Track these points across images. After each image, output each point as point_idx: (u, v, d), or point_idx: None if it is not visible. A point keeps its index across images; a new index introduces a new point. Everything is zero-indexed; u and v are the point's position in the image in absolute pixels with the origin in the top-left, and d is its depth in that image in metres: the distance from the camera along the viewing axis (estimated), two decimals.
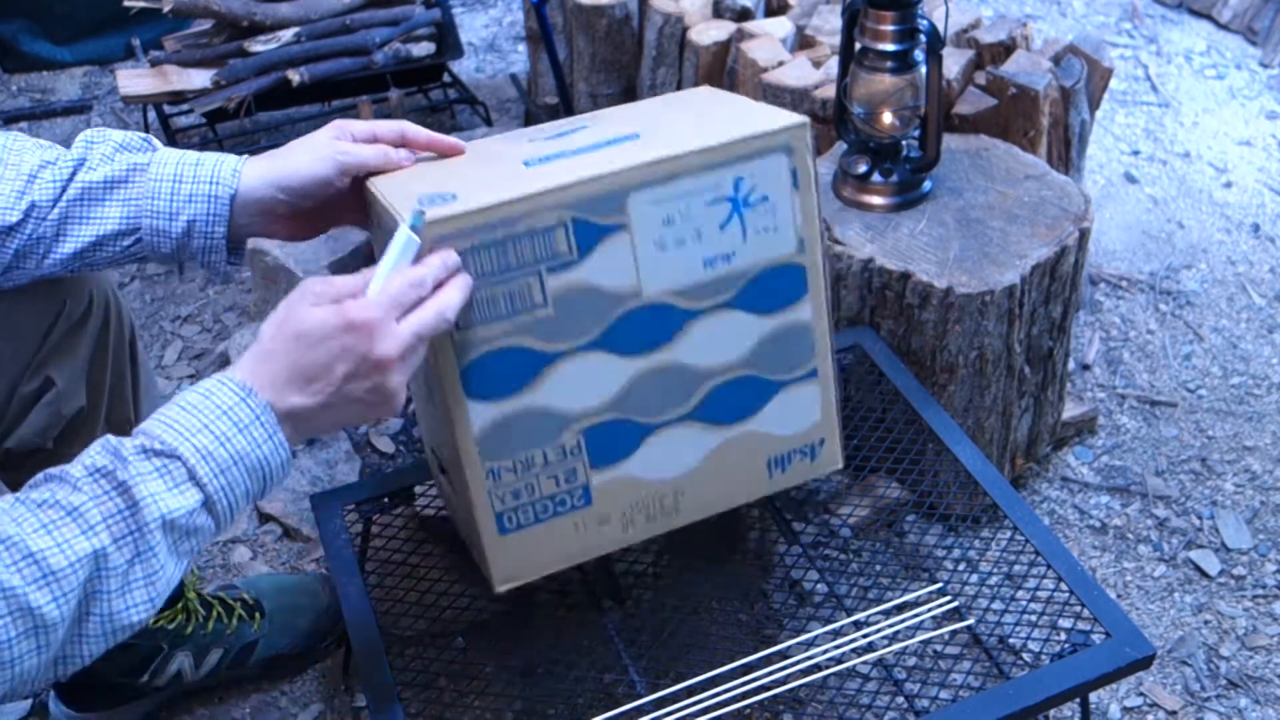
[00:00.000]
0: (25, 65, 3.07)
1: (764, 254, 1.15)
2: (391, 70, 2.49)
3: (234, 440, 0.90)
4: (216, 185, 1.11)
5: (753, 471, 1.23)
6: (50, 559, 0.83)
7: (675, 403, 1.15)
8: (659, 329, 1.12)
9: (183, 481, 0.88)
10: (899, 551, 1.62)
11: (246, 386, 0.92)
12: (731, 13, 2.21)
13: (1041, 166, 1.74)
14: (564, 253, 1.06)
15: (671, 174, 1.08)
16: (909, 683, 1.39)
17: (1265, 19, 3.03)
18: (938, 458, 1.52)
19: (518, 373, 1.09)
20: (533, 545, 1.16)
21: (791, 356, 1.19)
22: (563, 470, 1.14)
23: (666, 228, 1.09)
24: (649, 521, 1.20)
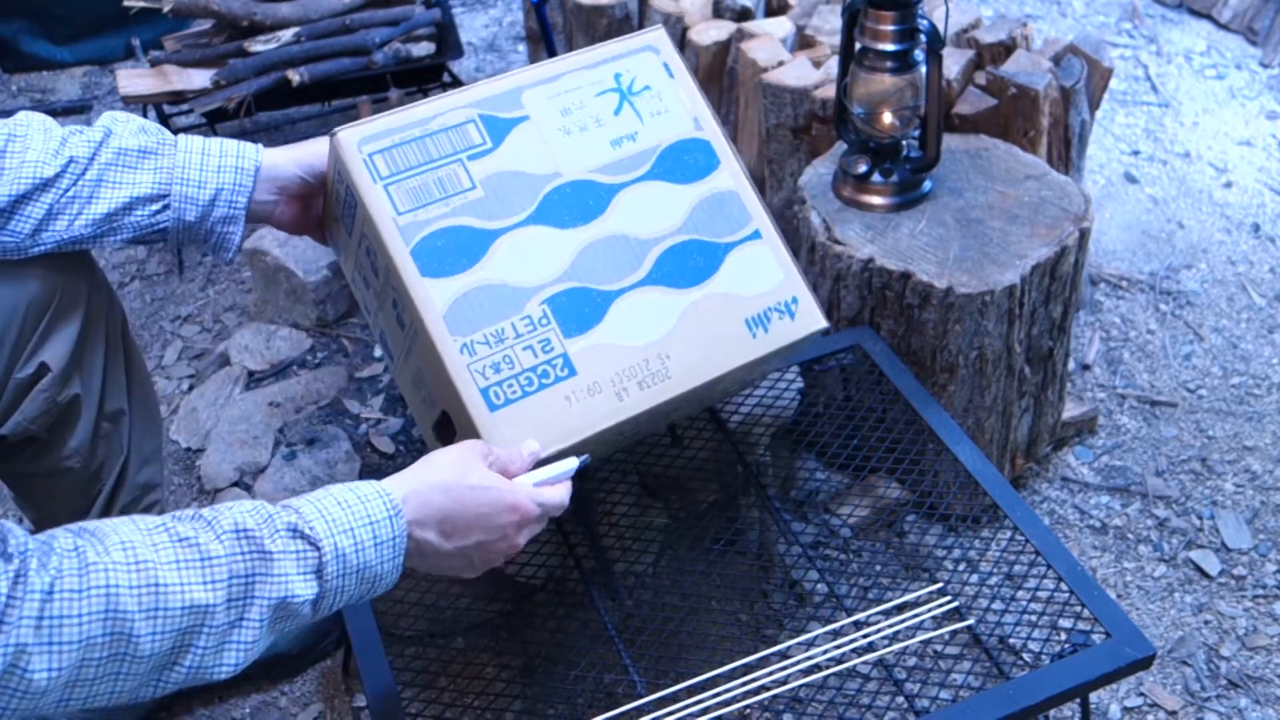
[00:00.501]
0: (25, 65, 3.07)
1: (664, 132, 1.30)
2: (391, 70, 2.49)
3: (367, 551, 0.94)
4: (242, 159, 1.22)
5: (734, 331, 1.27)
6: (170, 596, 0.85)
7: (628, 269, 1.23)
8: (589, 203, 1.24)
9: (311, 572, 0.92)
10: (899, 551, 1.62)
11: (398, 507, 0.97)
12: (731, 13, 2.21)
13: (1041, 166, 1.74)
14: (478, 143, 1.21)
15: (557, 73, 1.27)
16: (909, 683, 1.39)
17: (1265, 19, 3.03)
18: (938, 458, 1.52)
19: (465, 250, 1.19)
20: (527, 421, 1.17)
21: (727, 220, 1.29)
22: (537, 340, 1.18)
23: (565, 116, 1.25)
24: (642, 389, 1.21)
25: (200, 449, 1.92)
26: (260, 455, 1.87)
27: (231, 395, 2.01)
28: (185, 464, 1.92)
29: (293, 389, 1.99)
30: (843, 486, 1.66)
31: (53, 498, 1.37)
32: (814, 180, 1.73)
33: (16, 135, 1.16)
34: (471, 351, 1.15)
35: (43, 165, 1.15)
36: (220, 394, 2.01)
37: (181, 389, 2.10)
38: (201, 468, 1.87)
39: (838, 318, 1.67)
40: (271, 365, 2.07)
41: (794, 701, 1.26)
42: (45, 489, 1.36)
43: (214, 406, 1.99)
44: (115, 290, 1.37)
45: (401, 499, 0.98)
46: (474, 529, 1.01)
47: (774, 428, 1.60)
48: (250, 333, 2.13)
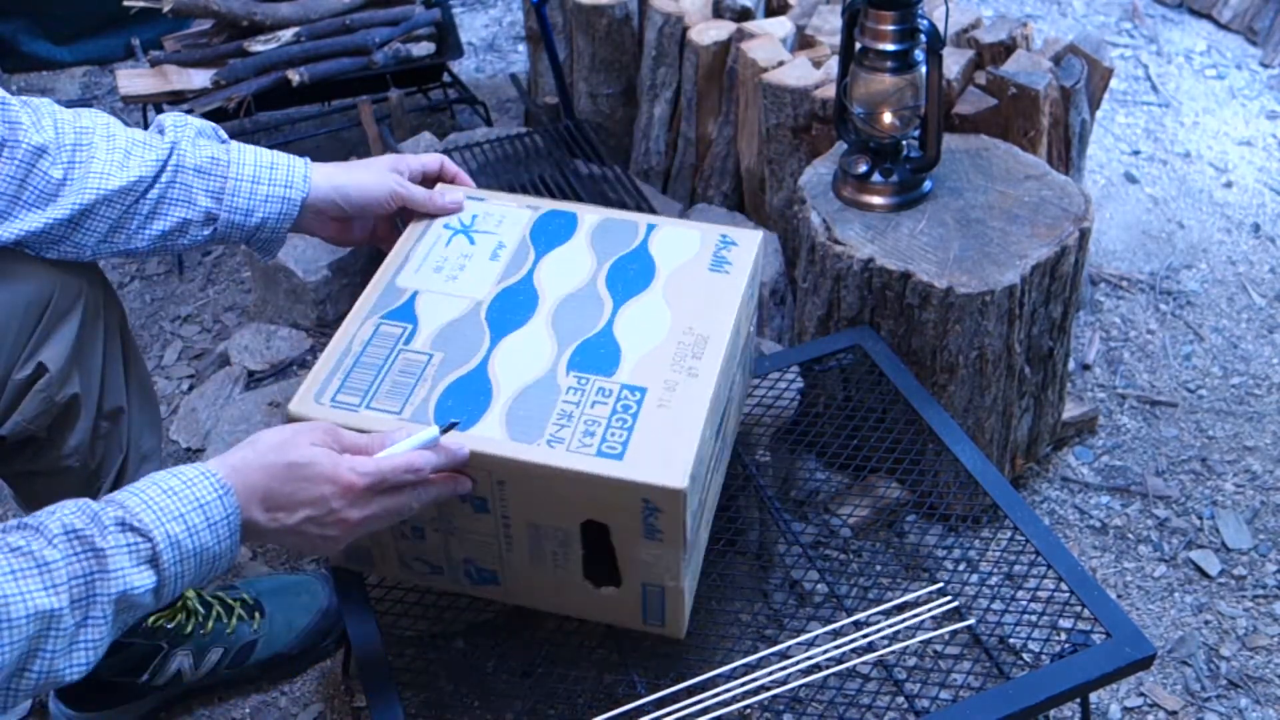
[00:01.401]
0: (25, 65, 3.07)
1: (513, 232, 1.38)
2: (391, 70, 2.49)
3: (201, 535, 0.95)
4: (290, 189, 1.26)
5: (712, 282, 1.33)
6: (11, 606, 0.84)
7: (598, 306, 1.30)
8: (520, 298, 1.30)
9: (145, 562, 0.92)
10: (899, 551, 1.62)
11: (226, 485, 0.98)
12: (731, 12, 2.21)
13: (1042, 166, 1.74)
14: (398, 333, 1.25)
15: (407, 253, 1.34)
16: (909, 683, 1.39)
17: (1265, 19, 3.03)
18: (938, 458, 1.52)
19: (475, 390, 1.21)
20: (658, 450, 1.14)
21: (625, 233, 1.38)
22: (592, 392, 1.20)
23: (439, 272, 1.32)
24: (699, 359, 1.24)
25: (200, 449, 1.92)
26: None
27: (231, 395, 2.01)
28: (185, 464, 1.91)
29: (293, 389, 1.99)
30: (843, 486, 1.66)
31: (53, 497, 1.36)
32: (814, 180, 1.73)
33: (81, 144, 1.18)
34: (565, 442, 1.13)
35: (107, 178, 1.18)
36: (220, 394, 2.01)
37: (181, 389, 2.10)
38: None
39: (838, 318, 1.67)
40: (271, 365, 2.07)
41: (794, 701, 1.26)
42: (45, 488, 1.36)
43: (214, 406, 1.99)
44: (114, 288, 1.37)
45: (228, 475, 0.98)
46: (297, 505, 1.01)
47: (774, 428, 1.60)
48: (250, 333, 2.13)
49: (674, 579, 1.18)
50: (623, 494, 1.11)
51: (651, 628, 1.25)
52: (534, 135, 2.24)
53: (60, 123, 1.19)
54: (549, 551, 1.19)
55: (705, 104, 2.19)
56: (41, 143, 1.15)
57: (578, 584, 1.21)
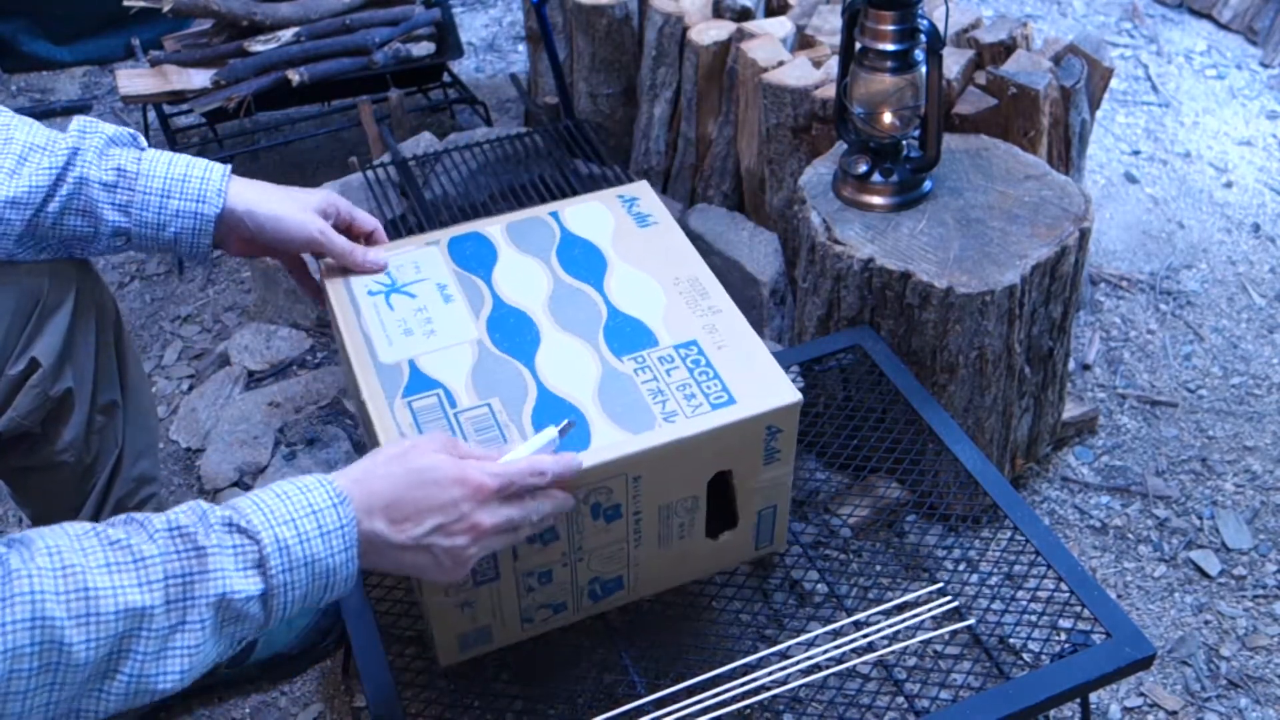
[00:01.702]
0: (25, 65, 3.07)
1: (432, 275, 1.35)
2: (391, 70, 2.49)
3: (313, 542, 0.90)
4: (202, 204, 1.19)
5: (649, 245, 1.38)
6: (101, 600, 0.81)
7: (593, 313, 1.30)
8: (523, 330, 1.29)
9: (251, 566, 0.88)
10: (899, 551, 1.62)
11: (342, 494, 0.93)
12: (731, 12, 2.21)
13: (1042, 166, 1.74)
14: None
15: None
16: (909, 683, 1.39)
17: (1265, 19, 3.03)
18: (938, 458, 1.52)
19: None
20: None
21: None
22: (675, 363, 1.22)
23: (401, 327, 1.28)
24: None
25: (200, 449, 1.92)
26: (260, 455, 1.86)
27: (231, 395, 2.01)
28: (185, 464, 1.92)
29: (293, 389, 1.99)
30: (843, 486, 1.66)
31: (48, 492, 1.37)
32: (814, 180, 1.73)
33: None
34: (678, 413, 1.15)
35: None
36: (220, 394, 2.01)
37: (181, 389, 2.10)
38: (201, 468, 1.87)
39: (838, 318, 1.67)
40: (271, 365, 2.07)
41: (794, 701, 1.26)
42: (40, 483, 1.36)
43: (214, 406, 1.99)
44: (115, 293, 1.37)
45: (345, 486, 0.94)
46: (425, 512, 0.96)
47: None
48: (250, 333, 2.13)
49: (787, 491, 1.26)
50: (749, 431, 1.17)
51: (761, 551, 1.33)
52: (534, 135, 2.24)
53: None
54: (676, 526, 1.22)
55: (705, 104, 2.19)
56: None
57: (700, 545, 1.25)
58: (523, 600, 1.20)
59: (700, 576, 1.34)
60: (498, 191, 2.15)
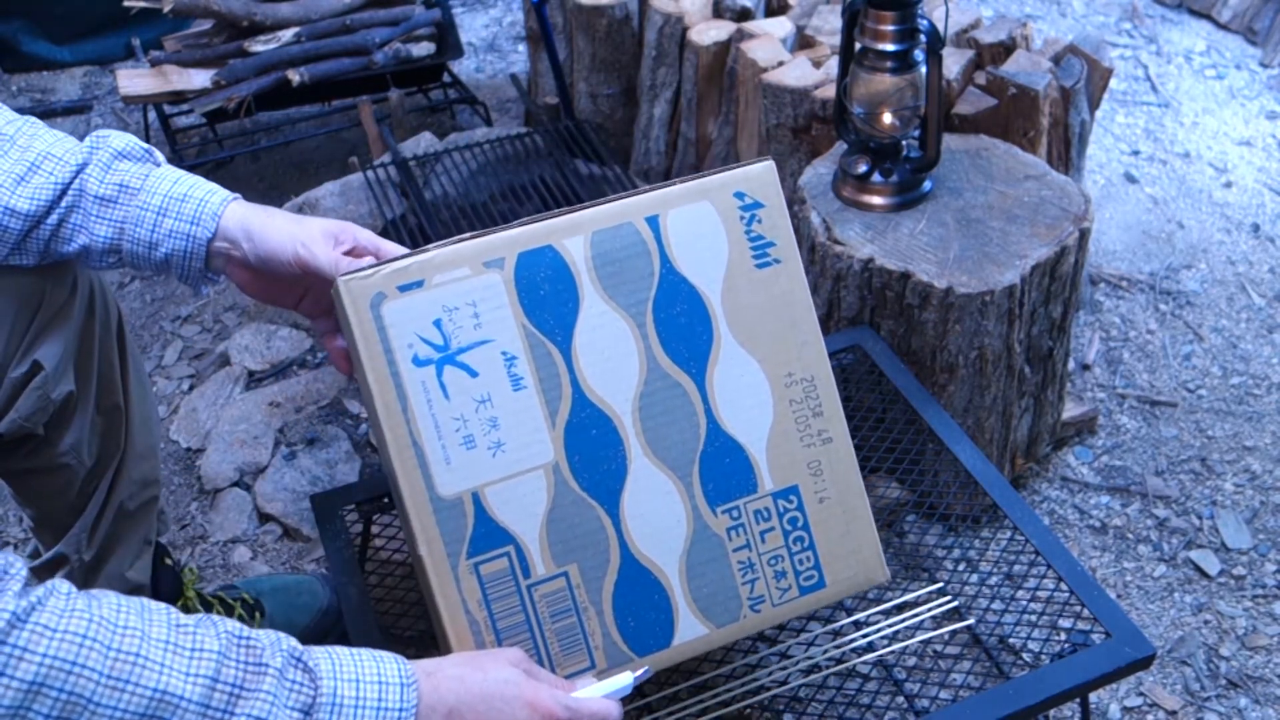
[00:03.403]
0: (25, 65, 3.07)
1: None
2: (391, 70, 2.49)
3: (366, 712, 0.87)
4: (197, 226, 1.13)
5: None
6: (145, 671, 0.79)
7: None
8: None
9: (299, 709, 0.85)
10: (899, 551, 1.62)
11: (413, 679, 0.90)
12: (731, 13, 2.21)
13: (1041, 166, 1.74)
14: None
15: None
16: (909, 683, 1.39)
17: (1265, 19, 3.03)
18: (938, 458, 1.52)
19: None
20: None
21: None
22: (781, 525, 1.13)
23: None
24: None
25: (200, 449, 1.92)
26: (260, 455, 1.87)
27: (231, 395, 2.01)
28: (185, 464, 1.92)
29: (293, 389, 1.99)
30: None
31: (50, 494, 1.37)
32: (814, 180, 1.73)
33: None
34: (765, 599, 1.11)
35: (4, 191, 1.10)
36: (220, 394, 2.01)
37: (181, 389, 2.10)
38: (201, 468, 1.87)
39: (838, 318, 1.67)
40: (271, 365, 2.07)
41: (794, 701, 1.26)
42: (43, 486, 1.36)
43: (214, 406, 1.99)
44: (115, 293, 1.37)
45: (423, 677, 0.91)
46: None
47: None
48: (250, 333, 2.13)
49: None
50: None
51: None
52: (534, 135, 2.24)
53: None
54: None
55: (705, 104, 2.19)
56: None
57: None
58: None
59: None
60: (498, 192, 2.15)
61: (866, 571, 1.12)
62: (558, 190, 2.09)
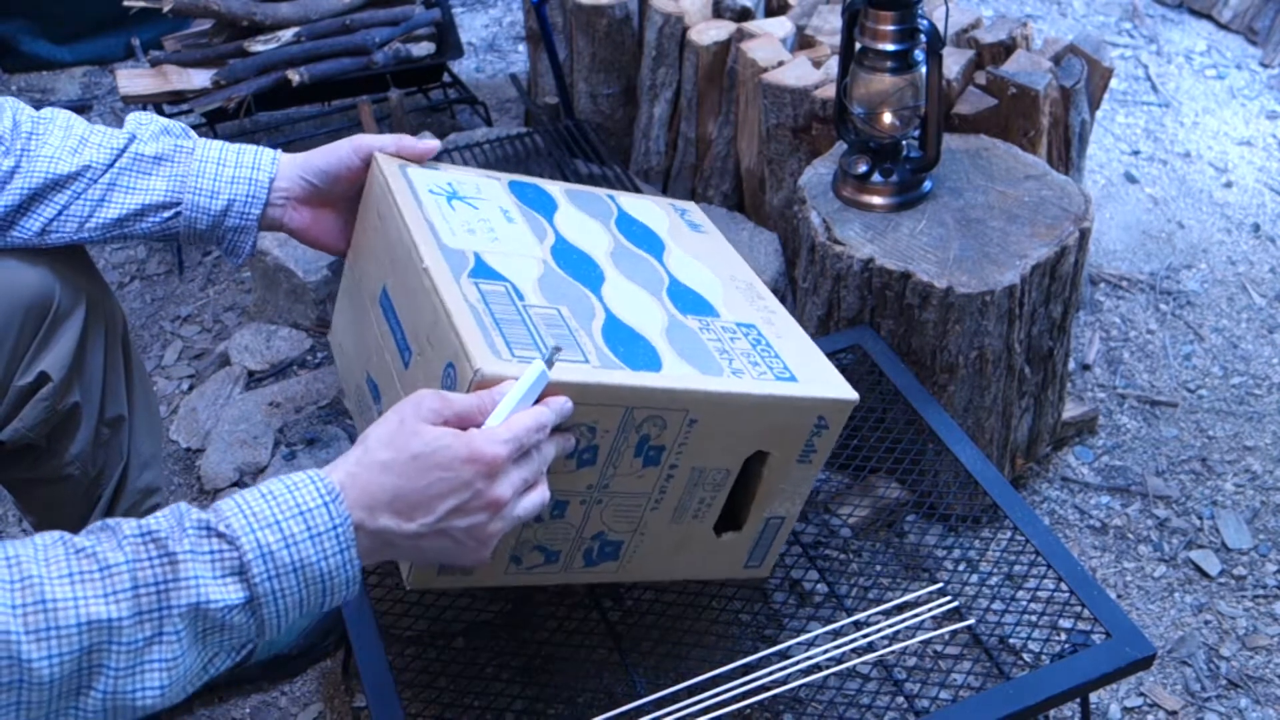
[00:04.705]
0: (25, 65, 3.07)
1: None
2: (391, 70, 2.49)
3: (301, 546, 0.83)
4: (257, 170, 1.22)
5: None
6: (61, 612, 0.76)
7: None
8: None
9: (230, 574, 0.82)
10: (899, 551, 1.62)
11: (334, 491, 0.86)
12: (731, 13, 2.21)
13: (1042, 166, 1.74)
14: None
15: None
16: (909, 683, 1.39)
17: (1265, 19, 3.03)
18: (938, 458, 1.52)
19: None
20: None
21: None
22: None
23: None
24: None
25: (200, 449, 1.92)
26: (260, 455, 1.87)
27: (231, 395, 2.01)
28: (185, 464, 1.92)
29: (293, 389, 1.99)
30: (843, 486, 1.66)
31: (53, 504, 1.37)
32: (814, 180, 1.73)
33: (37, 133, 1.17)
34: (743, 373, 1.14)
35: (57, 162, 1.16)
36: (220, 394, 2.01)
37: (181, 389, 2.10)
38: (201, 468, 1.87)
39: (838, 318, 1.67)
40: (271, 365, 2.07)
41: (794, 701, 1.26)
42: (45, 495, 1.36)
43: (214, 406, 1.99)
44: (115, 292, 1.37)
45: (340, 479, 0.86)
46: (435, 499, 0.88)
47: None
48: (250, 333, 2.13)
49: (799, 504, 1.25)
50: (802, 414, 1.15)
51: (750, 570, 1.30)
52: (534, 135, 2.24)
53: (19, 114, 1.17)
54: (697, 499, 1.18)
55: (705, 104, 2.19)
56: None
57: (701, 536, 1.22)
58: (522, 532, 1.10)
59: (684, 577, 1.30)
60: None
61: (835, 384, 1.17)
62: None
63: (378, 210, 1.20)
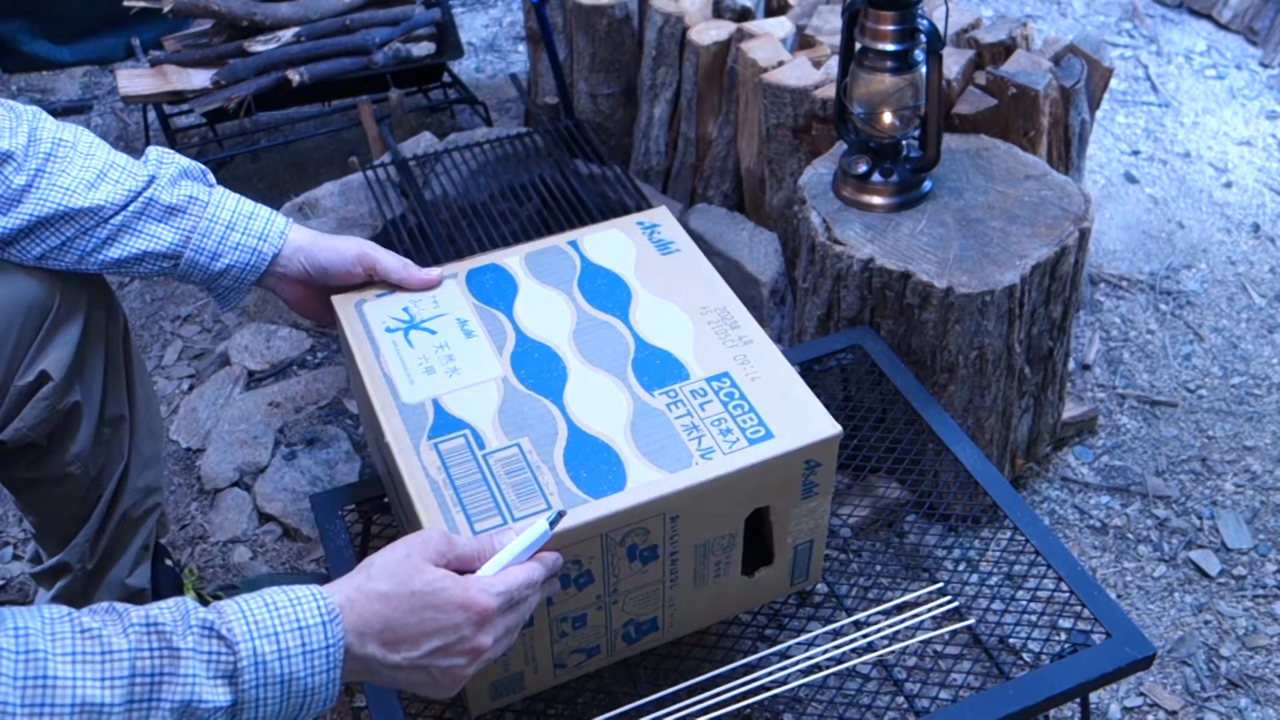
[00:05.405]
0: (25, 65, 3.07)
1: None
2: (391, 70, 2.49)
3: (293, 660, 0.86)
4: (264, 241, 1.22)
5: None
6: (59, 690, 0.78)
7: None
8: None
9: (222, 677, 0.84)
10: (899, 551, 1.62)
11: (334, 612, 0.89)
12: (731, 13, 2.21)
13: (1042, 166, 1.74)
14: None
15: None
16: (909, 683, 1.39)
17: (1265, 19, 3.03)
18: (938, 458, 1.52)
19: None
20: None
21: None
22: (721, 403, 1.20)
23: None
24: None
25: (200, 449, 1.92)
26: (260, 455, 1.87)
27: (231, 395, 2.01)
28: (185, 464, 1.92)
29: (293, 389, 1.99)
30: (843, 486, 1.66)
31: (53, 503, 1.37)
32: (814, 180, 1.73)
33: (57, 155, 1.16)
34: (715, 450, 1.13)
35: (72, 194, 1.15)
36: (220, 394, 2.01)
37: (181, 389, 2.10)
38: (201, 468, 1.87)
39: (838, 318, 1.67)
40: (271, 365, 2.07)
41: (794, 701, 1.26)
42: (46, 495, 1.36)
43: (214, 406, 1.99)
44: (115, 292, 1.37)
45: (341, 602, 0.89)
46: (424, 636, 0.92)
47: None
48: (250, 333, 2.13)
49: (823, 525, 1.24)
50: (788, 466, 1.14)
51: (797, 585, 1.30)
52: (534, 135, 2.24)
53: (38, 130, 1.16)
54: (713, 564, 1.20)
55: (705, 104, 2.19)
56: (7, 149, 1.13)
57: (735, 582, 1.23)
58: (555, 646, 1.16)
59: (737, 613, 1.32)
60: (498, 191, 2.15)
61: (814, 425, 1.15)
62: (558, 190, 2.09)
63: (346, 349, 1.26)
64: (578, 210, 2.02)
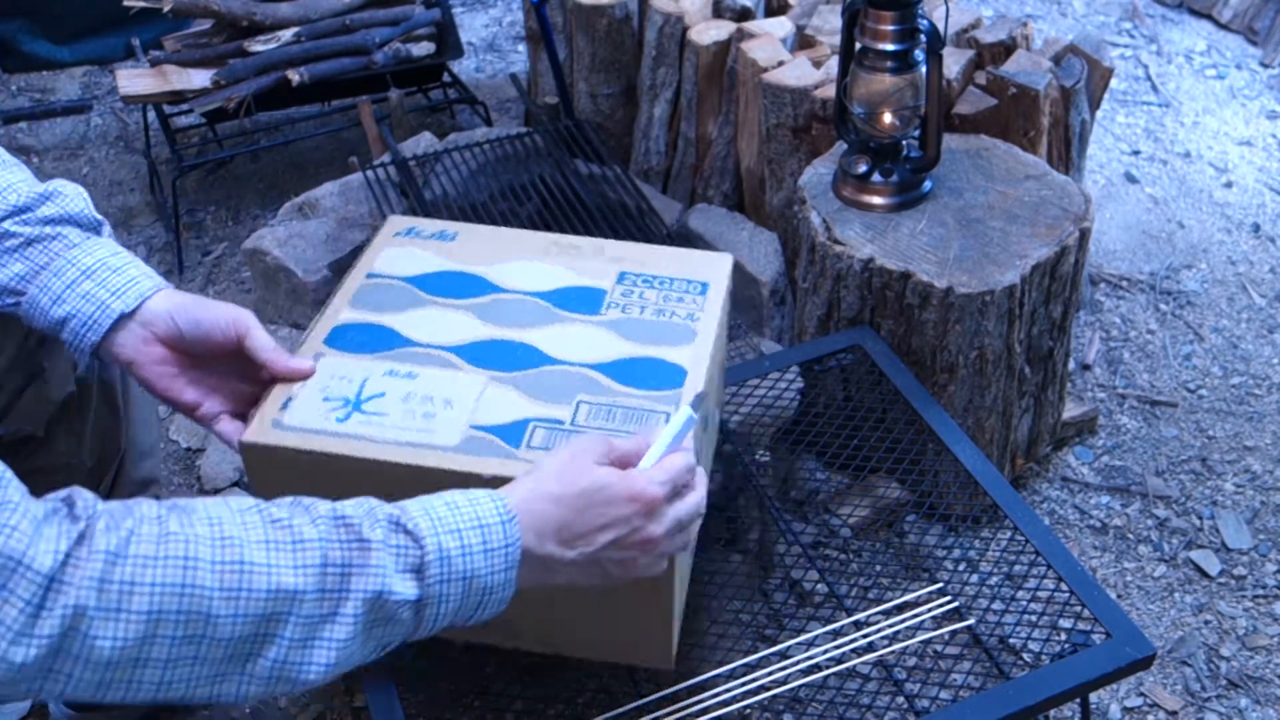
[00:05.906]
0: (25, 65, 3.07)
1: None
2: (391, 70, 2.49)
3: (475, 557, 0.88)
4: (115, 297, 1.07)
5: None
6: (255, 576, 0.80)
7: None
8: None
9: (409, 571, 0.85)
10: (899, 551, 1.62)
11: (511, 512, 0.91)
12: (731, 12, 2.21)
13: (1042, 166, 1.74)
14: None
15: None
16: (909, 683, 1.39)
17: (1265, 19, 3.03)
18: (938, 458, 1.52)
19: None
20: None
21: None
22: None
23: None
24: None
25: (200, 449, 1.92)
26: None
27: None
28: (185, 464, 1.91)
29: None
30: (843, 486, 1.66)
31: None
32: (814, 180, 1.73)
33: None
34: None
35: None
36: None
37: None
38: (201, 468, 1.87)
39: (838, 318, 1.67)
40: None
41: (794, 701, 1.26)
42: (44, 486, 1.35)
43: None
44: None
45: (517, 504, 0.92)
46: (597, 531, 0.94)
47: (774, 428, 1.60)
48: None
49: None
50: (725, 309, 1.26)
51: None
52: (534, 135, 2.24)
53: None
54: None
55: (705, 104, 2.19)
56: None
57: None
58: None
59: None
60: (498, 191, 2.15)
61: (718, 262, 1.27)
62: (557, 190, 2.09)
63: (327, 464, 1.09)
64: (578, 210, 2.02)
